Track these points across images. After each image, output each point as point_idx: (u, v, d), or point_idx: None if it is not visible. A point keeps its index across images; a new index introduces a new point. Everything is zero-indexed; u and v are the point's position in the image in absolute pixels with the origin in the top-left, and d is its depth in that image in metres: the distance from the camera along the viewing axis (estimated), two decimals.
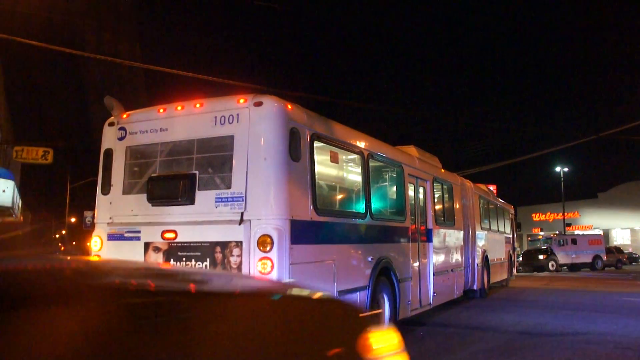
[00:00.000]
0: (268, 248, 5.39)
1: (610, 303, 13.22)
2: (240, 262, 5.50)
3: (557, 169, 50.63)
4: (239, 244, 5.54)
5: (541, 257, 32.83)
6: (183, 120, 6.24)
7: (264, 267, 5.36)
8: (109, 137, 6.73)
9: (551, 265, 32.32)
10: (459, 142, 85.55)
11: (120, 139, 6.59)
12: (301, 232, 5.75)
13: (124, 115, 6.68)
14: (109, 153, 6.68)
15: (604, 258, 34.62)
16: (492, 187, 31.11)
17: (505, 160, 32.63)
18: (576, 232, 45.59)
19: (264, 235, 5.42)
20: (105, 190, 6.62)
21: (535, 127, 74.67)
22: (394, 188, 9.03)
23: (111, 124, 6.74)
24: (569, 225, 53.18)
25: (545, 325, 9.53)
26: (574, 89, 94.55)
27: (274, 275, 5.34)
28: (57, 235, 79.75)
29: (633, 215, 52.07)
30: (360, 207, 7.52)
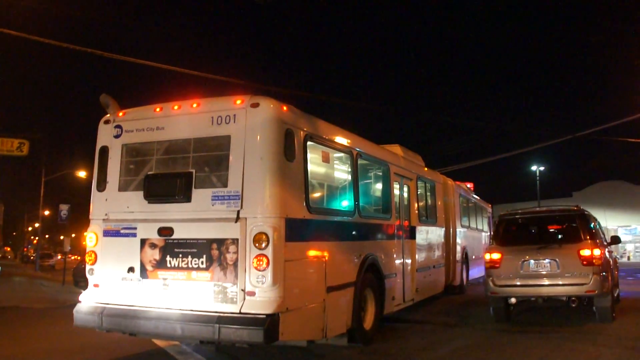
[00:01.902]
0: (264, 245, 5.56)
1: None
2: (236, 259, 5.66)
3: (534, 167, 51.52)
4: (235, 241, 5.70)
5: None
6: (180, 119, 6.36)
7: (260, 263, 5.54)
8: (104, 135, 6.82)
9: None
10: (438, 140, 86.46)
11: (116, 136, 6.69)
12: (295, 230, 5.94)
13: (120, 114, 6.78)
14: (104, 150, 6.77)
15: None
16: (470, 185, 31.36)
17: (483, 158, 33.04)
18: None
19: (259, 233, 5.59)
20: (101, 187, 6.71)
21: (512, 127, 75.76)
22: (381, 186, 9.27)
23: (107, 122, 6.82)
24: None
25: (525, 322, 9.75)
26: (552, 90, 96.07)
27: (269, 272, 5.52)
28: (30, 229, 78.24)
29: (606, 214, 52.82)
30: (349, 205, 7.73)
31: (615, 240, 11.35)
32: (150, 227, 6.20)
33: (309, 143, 6.50)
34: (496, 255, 9.58)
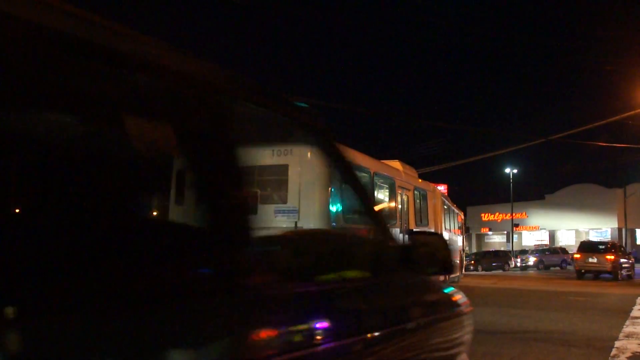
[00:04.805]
0: None
1: (556, 302, 14.31)
2: None
3: (507, 170, 52.74)
4: None
5: None
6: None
7: None
8: None
9: None
10: (411, 141, 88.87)
11: None
12: None
13: None
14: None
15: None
16: (444, 187, 32.47)
17: (457, 160, 33.53)
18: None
19: None
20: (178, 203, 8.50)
21: (486, 129, 78.24)
22: (388, 197, 11.24)
23: None
24: (516, 225, 55.04)
25: (496, 323, 9.98)
26: (525, 94, 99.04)
27: None
28: None
29: (577, 216, 53.22)
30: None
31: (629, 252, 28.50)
32: None
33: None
34: (578, 255, 24.71)
